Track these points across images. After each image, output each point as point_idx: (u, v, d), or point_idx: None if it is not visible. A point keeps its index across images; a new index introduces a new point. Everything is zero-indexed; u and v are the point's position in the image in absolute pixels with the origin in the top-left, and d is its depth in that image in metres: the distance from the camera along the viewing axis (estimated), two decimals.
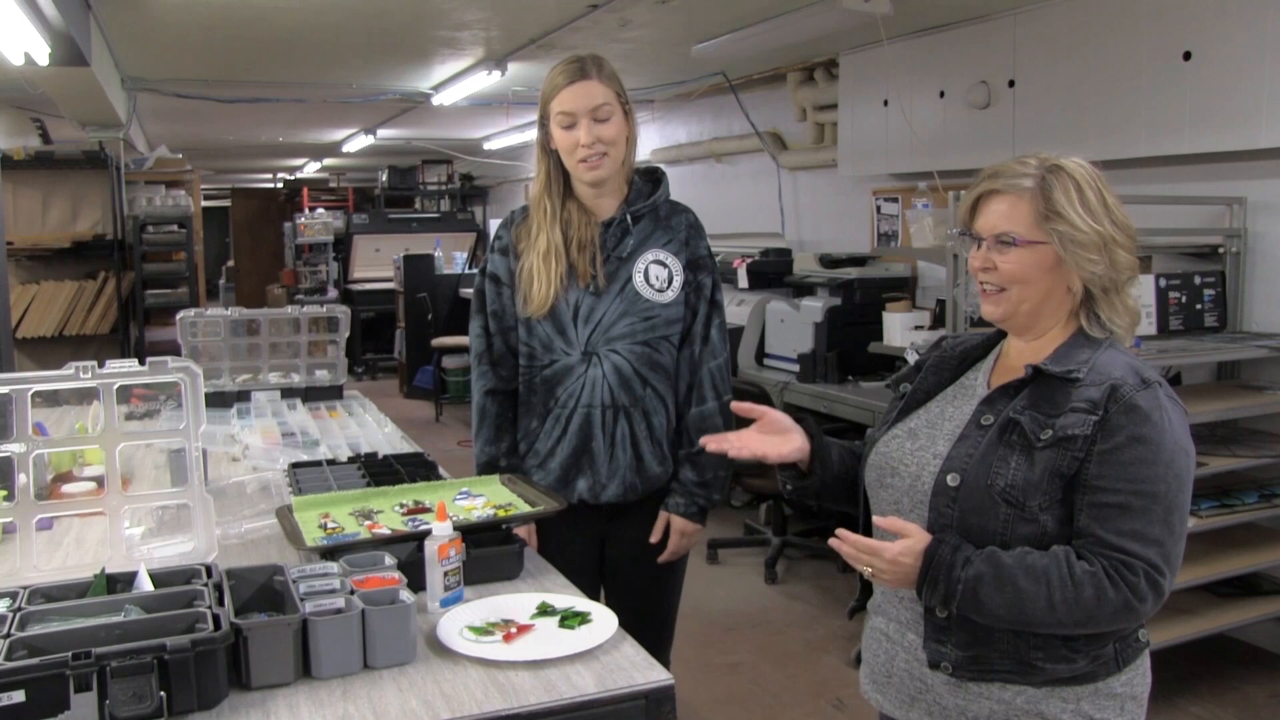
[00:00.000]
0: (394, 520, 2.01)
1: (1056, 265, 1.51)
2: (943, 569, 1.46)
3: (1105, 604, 1.41)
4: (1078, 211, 1.49)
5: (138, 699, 1.33)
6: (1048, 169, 1.52)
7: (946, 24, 4.83)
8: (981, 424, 1.55)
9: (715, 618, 4.27)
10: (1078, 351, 1.52)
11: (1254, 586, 3.59)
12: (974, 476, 1.50)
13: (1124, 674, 1.53)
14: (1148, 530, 1.43)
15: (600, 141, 2.15)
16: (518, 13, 4.74)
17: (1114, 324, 1.54)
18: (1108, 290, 1.53)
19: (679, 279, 2.26)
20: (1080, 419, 1.46)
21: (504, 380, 2.32)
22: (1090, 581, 1.41)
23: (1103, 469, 1.44)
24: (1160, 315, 3.67)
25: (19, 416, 1.77)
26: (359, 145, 10.31)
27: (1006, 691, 1.51)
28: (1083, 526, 1.45)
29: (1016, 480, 1.47)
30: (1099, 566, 1.42)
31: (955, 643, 1.53)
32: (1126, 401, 1.44)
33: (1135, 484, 1.43)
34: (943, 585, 1.45)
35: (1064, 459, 1.45)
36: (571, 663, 1.53)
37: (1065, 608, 1.41)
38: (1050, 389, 1.50)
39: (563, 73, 2.17)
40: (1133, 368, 1.49)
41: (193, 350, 3.53)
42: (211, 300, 12.62)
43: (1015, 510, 1.47)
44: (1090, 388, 1.47)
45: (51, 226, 6.63)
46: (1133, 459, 1.43)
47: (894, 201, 5.55)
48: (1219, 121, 3.71)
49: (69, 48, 3.92)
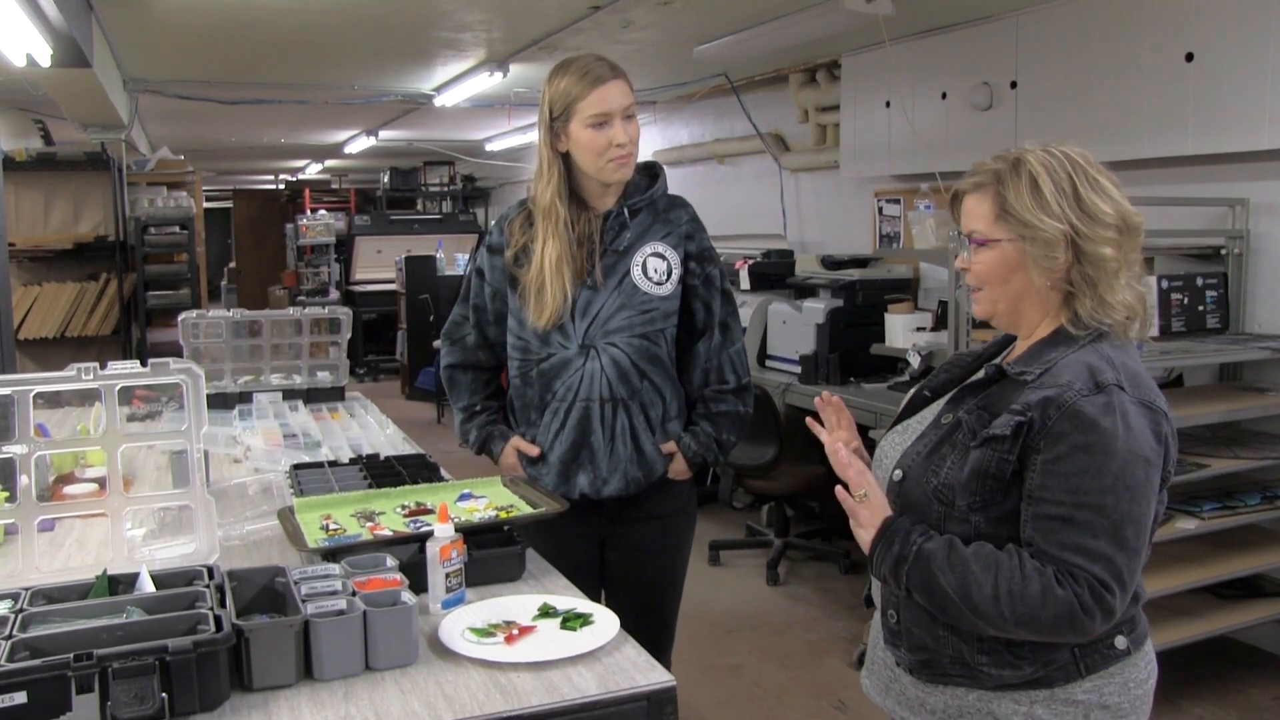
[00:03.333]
0: (396, 522, 2.01)
1: (1023, 263, 1.47)
2: (900, 531, 1.46)
3: (1049, 603, 1.36)
4: (1029, 208, 1.44)
5: (139, 700, 1.33)
6: (1011, 162, 1.48)
7: (948, 25, 4.82)
8: (940, 422, 1.54)
9: (717, 619, 4.27)
10: (1048, 351, 1.47)
11: (1256, 588, 3.58)
12: (916, 473, 1.51)
13: (1089, 680, 1.47)
14: (1092, 545, 1.37)
15: (631, 141, 2.19)
16: (520, 14, 4.74)
17: (1101, 320, 1.46)
18: (1093, 284, 1.45)
19: (677, 272, 2.27)
20: (1006, 420, 1.41)
21: (468, 355, 2.43)
22: (1038, 577, 1.37)
23: (1046, 479, 1.39)
24: (1162, 317, 3.67)
25: (21, 418, 1.77)
26: (361, 146, 10.31)
27: (959, 689, 1.51)
28: (1027, 538, 1.41)
29: (948, 479, 1.46)
30: (1049, 568, 1.38)
31: (906, 646, 1.54)
32: (1070, 408, 1.38)
33: (1079, 495, 1.37)
34: (898, 545, 1.45)
35: (990, 460, 1.42)
36: (573, 664, 1.53)
37: (1009, 599, 1.37)
38: (1005, 389, 1.48)
39: (588, 73, 2.17)
40: (1090, 370, 1.41)
41: (194, 352, 3.54)
42: (213, 302, 12.65)
43: (945, 508, 1.46)
44: (1035, 390, 1.42)
45: (53, 228, 6.64)
46: (1076, 469, 1.37)
47: (896, 203, 5.55)
48: (1221, 123, 3.71)
49: (71, 49, 3.92)
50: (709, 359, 2.33)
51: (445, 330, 2.48)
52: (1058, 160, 1.47)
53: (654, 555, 2.36)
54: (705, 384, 2.34)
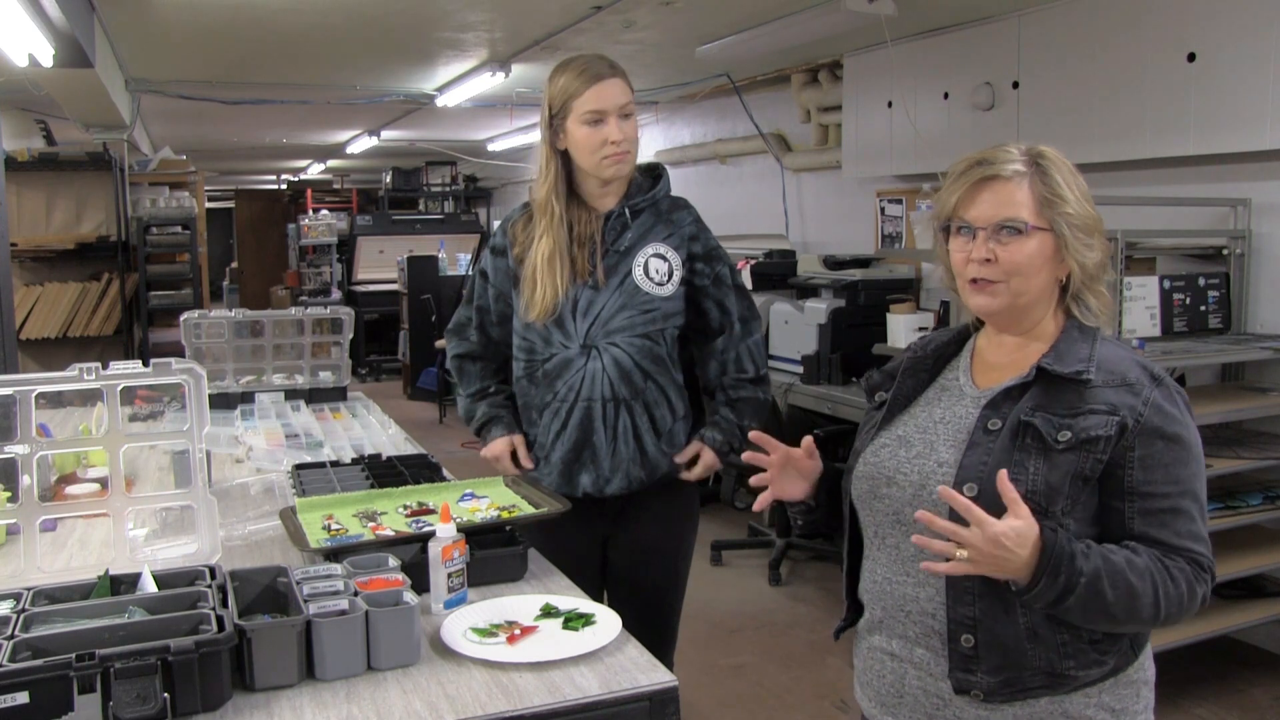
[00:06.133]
0: (398, 522, 2.02)
1: (1056, 253, 1.47)
2: (1064, 559, 1.35)
3: (1193, 597, 1.42)
4: (1075, 195, 1.47)
5: (141, 700, 1.33)
6: (1036, 155, 1.48)
7: (950, 25, 4.82)
8: (989, 429, 1.47)
9: (719, 619, 4.27)
10: (1077, 347, 1.48)
11: (1258, 588, 3.58)
12: (993, 484, 1.38)
13: (1138, 659, 1.52)
14: (1199, 530, 1.44)
15: (627, 139, 2.19)
16: (521, 14, 4.74)
17: (1100, 312, 1.52)
18: (1094, 278, 1.50)
19: (679, 273, 2.28)
20: (1103, 420, 1.42)
21: (477, 348, 2.42)
22: (1183, 577, 1.41)
23: (1149, 474, 1.42)
24: (1164, 317, 3.66)
25: (23, 418, 1.78)
26: (363, 147, 10.31)
27: (1031, 701, 1.45)
28: (1139, 533, 1.43)
29: (1038, 485, 1.41)
30: (1183, 563, 1.42)
31: (985, 669, 1.45)
32: (1153, 404, 1.43)
33: (1181, 485, 1.43)
34: (1064, 576, 1.35)
35: (1086, 461, 1.41)
36: (575, 664, 1.53)
37: (1166, 604, 1.40)
38: (1058, 389, 1.45)
39: (586, 71, 2.18)
40: (1140, 365, 1.47)
41: (196, 352, 3.54)
42: (215, 302, 12.64)
43: (1039, 517, 1.37)
44: (1105, 389, 1.44)
45: (55, 228, 6.64)
46: (1172, 460, 1.43)
47: (898, 203, 5.55)
48: (1223, 123, 3.71)
49: (73, 49, 3.93)
50: (726, 351, 2.35)
51: (450, 328, 2.48)
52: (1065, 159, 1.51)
53: (656, 554, 2.37)
54: (723, 374, 2.36)
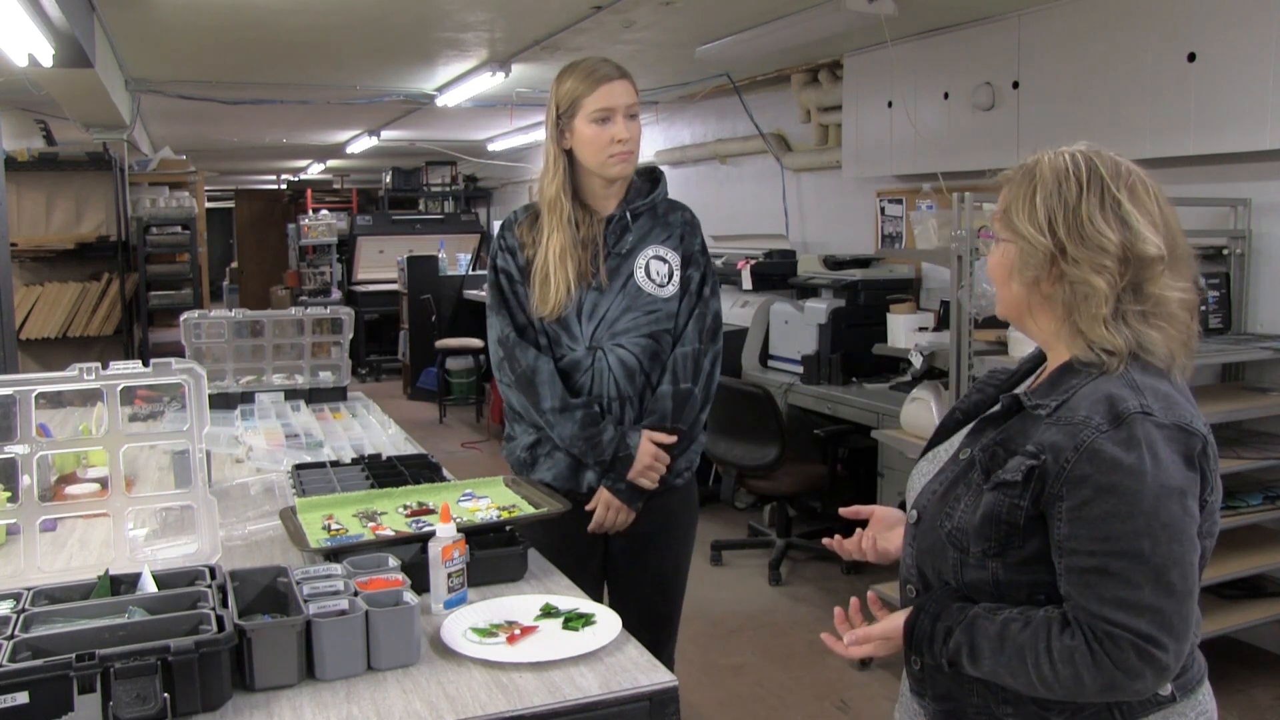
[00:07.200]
0: (398, 522, 2.01)
1: (1028, 266, 1.37)
2: (924, 641, 1.37)
3: (1085, 685, 1.25)
4: (1019, 213, 1.36)
5: (141, 700, 1.33)
6: (1029, 165, 1.41)
7: (950, 25, 4.82)
8: (959, 458, 1.42)
9: (719, 619, 4.27)
10: (1067, 378, 1.34)
11: (1259, 588, 3.58)
12: (930, 515, 1.40)
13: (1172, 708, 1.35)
14: (1133, 596, 1.23)
15: (632, 138, 2.21)
16: (522, 14, 4.74)
17: (1100, 350, 1.32)
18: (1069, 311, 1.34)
19: (679, 274, 2.30)
20: (1018, 463, 1.30)
21: (546, 352, 2.27)
22: (1068, 661, 1.24)
23: (1073, 528, 1.26)
24: None
25: (23, 418, 1.78)
26: (363, 147, 10.31)
27: None
28: (1064, 593, 1.28)
29: (962, 523, 1.35)
30: (1080, 640, 1.24)
31: (931, 695, 1.45)
32: (1087, 448, 1.25)
33: (1111, 543, 1.23)
34: (928, 656, 1.38)
35: (1002, 505, 1.30)
36: (575, 664, 1.53)
37: (1045, 686, 1.28)
38: (1025, 423, 1.35)
39: (595, 72, 2.20)
40: (1110, 401, 1.27)
41: (196, 352, 3.54)
42: (215, 302, 12.65)
43: (961, 554, 1.35)
44: (1051, 427, 1.30)
45: (55, 228, 6.64)
46: (1104, 514, 1.24)
47: (898, 203, 5.54)
48: (1223, 123, 3.70)
49: (73, 49, 3.93)
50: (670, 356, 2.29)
51: (498, 340, 2.29)
52: (1077, 169, 1.35)
53: (657, 550, 2.37)
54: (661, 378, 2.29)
